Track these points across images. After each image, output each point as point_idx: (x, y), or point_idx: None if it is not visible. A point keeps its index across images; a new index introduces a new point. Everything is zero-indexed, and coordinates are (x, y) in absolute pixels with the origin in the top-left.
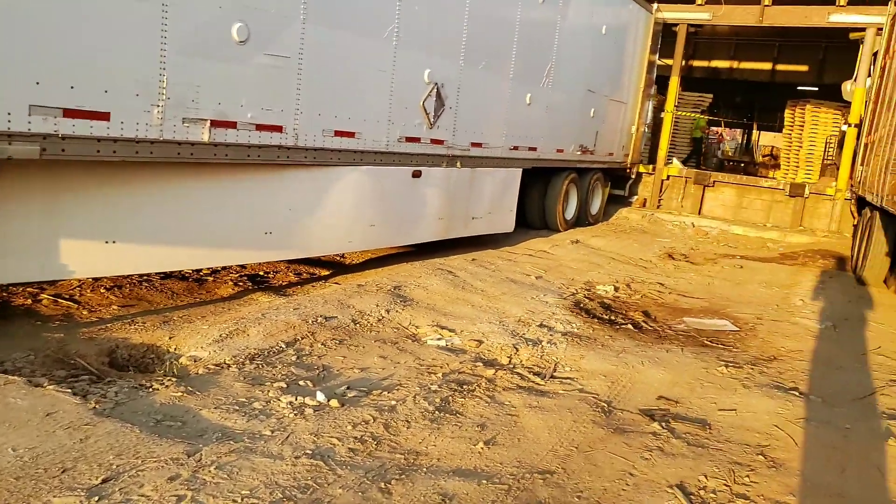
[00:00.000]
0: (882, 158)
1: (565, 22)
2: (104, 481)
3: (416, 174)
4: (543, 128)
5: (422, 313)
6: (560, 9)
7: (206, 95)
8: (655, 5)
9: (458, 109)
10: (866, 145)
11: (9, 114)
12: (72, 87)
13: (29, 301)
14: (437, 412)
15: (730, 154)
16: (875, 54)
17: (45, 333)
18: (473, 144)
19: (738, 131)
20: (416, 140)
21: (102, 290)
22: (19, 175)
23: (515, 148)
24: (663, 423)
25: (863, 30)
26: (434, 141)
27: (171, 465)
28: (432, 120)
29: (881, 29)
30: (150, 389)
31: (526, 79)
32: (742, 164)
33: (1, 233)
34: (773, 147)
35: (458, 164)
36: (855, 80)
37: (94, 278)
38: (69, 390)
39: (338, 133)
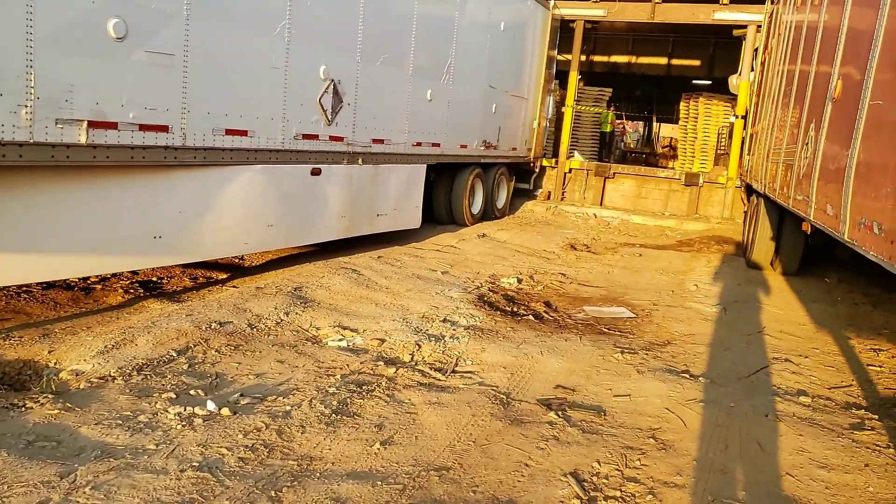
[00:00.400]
0: (764, 148)
1: (463, 18)
2: None
3: (316, 172)
4: (446, 123)
5: (323, 314)
6: (457, 4)
7: (82, 95)
8: (552, 2)
9: (357, 106)
10: (752, 136)
11: None
12: None
13: None
14: (333, 415)
15: (632, 146)
16: (756, 50)
17: None
18: (375, 141)
19: (640, 124)
20: (314, 137)
21: None
22: None
23: (419, 144)
24: (560, 412)
25: (745, 27)
26: (333, 138)
27: (40, 489)
28: (330, 117)
29: (760, 26)
30: (23, 409)
31: (426, 75)
32: (644, 156)
33: None
34: (672, 138)
35: (360, 160)
36: (740, 75)
37: None
38: None
39: (229, 132)
